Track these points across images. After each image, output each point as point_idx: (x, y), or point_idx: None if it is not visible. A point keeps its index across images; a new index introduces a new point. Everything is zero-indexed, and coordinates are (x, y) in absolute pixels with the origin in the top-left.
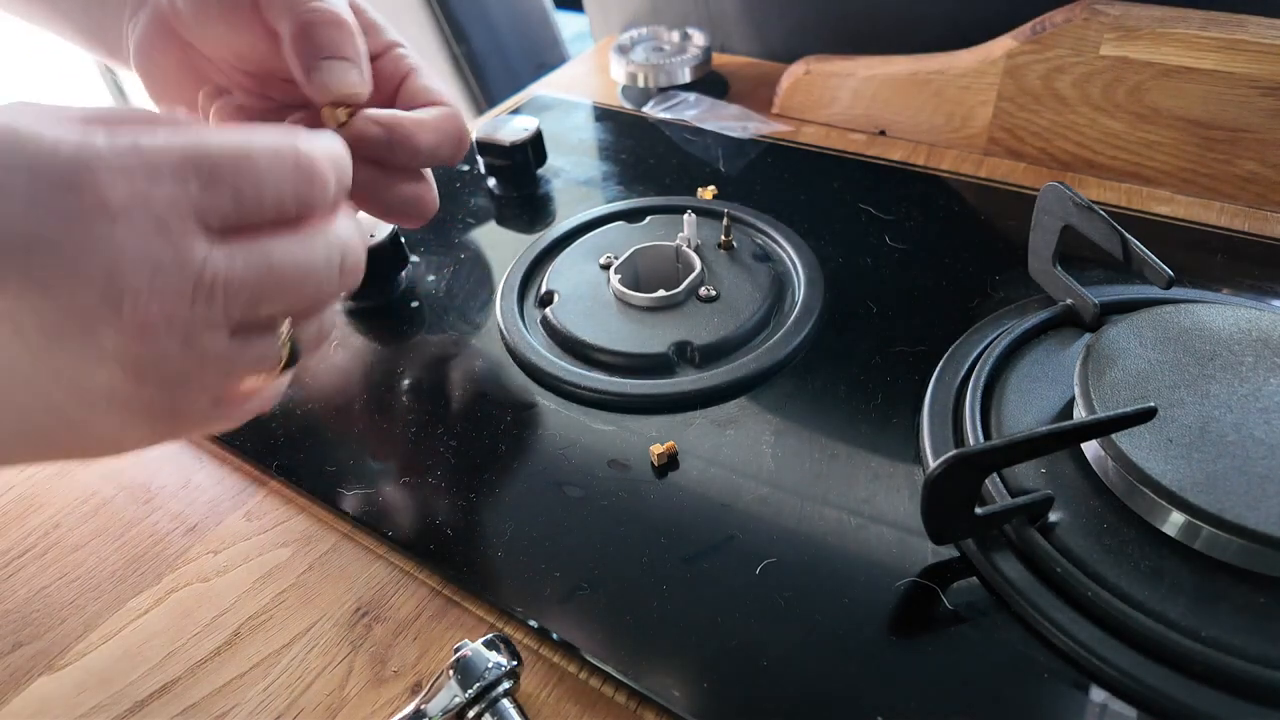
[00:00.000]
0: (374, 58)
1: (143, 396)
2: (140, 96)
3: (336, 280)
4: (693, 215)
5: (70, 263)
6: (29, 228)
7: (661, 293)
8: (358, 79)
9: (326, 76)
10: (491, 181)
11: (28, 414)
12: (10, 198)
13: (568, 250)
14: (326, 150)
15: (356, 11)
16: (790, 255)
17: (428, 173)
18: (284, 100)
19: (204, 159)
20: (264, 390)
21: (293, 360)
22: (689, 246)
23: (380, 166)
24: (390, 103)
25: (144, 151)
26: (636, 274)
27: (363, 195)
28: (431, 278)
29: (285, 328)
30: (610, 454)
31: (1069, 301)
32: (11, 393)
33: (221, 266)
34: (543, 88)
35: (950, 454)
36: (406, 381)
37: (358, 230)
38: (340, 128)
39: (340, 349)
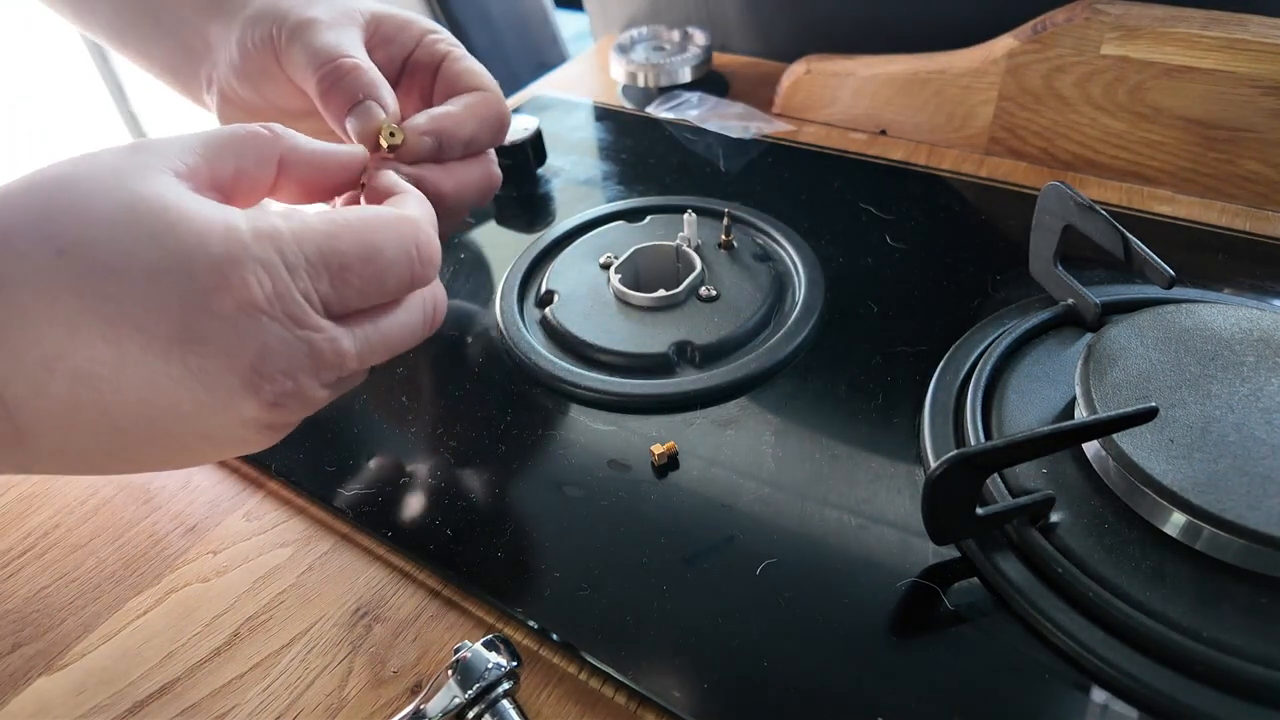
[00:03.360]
0: (409, 52)
1: (263, 439)
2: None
3: (425, 332)
4: (693, 215)
5: (222, 354)
6: (187, 324)
7: (661, 292)
8: (383, 109)
9: (359, 124)
10: None
11: (169, 443)
12: (167, 298)
13: (568, 250)
14: (434, 237)
15: (380, 20)
16: (791, 255)
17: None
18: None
19: (334, 257)
20: None
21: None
22: (689, 246)
23: (438, 163)
24: (430, 88)
25: (283, 246)
26: (636, 274)
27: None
28: None
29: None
30: (610, 454)
31: (1070, 301)
32: (159, 425)
33: (346, 346)
34: (543, 87)
35: (951, 454)
36: (406, 382)
37: (439, 284)
38: (392, 150)
39: None
